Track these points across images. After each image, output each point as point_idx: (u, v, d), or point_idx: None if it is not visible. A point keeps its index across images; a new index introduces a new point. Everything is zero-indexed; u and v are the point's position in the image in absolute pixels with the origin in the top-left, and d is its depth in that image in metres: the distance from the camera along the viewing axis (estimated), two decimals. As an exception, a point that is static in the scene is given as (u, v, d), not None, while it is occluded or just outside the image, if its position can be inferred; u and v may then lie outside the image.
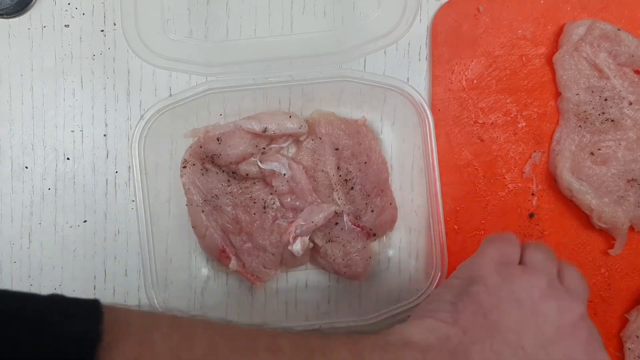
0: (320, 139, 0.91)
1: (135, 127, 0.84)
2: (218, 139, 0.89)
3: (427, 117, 0.85)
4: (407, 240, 0.93)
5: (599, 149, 0.90)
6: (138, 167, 0.85)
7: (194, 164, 0.91)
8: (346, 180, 0.90)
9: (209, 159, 0.90)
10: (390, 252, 0.93)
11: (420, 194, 0.89)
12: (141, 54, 0.84)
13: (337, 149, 0.91)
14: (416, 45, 0.94)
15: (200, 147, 0.90)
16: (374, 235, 0.92)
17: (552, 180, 0.92)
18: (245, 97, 0.91)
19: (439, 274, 0.85)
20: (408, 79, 0.94)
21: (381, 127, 0.93)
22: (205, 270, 0.94)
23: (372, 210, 0.91)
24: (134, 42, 0.84)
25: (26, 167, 0.93)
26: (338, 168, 0.91)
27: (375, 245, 0.93)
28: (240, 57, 0.86)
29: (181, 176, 0.91)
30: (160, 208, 0.90)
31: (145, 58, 0.84)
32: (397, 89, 0.86)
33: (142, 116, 0.84)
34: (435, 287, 0.85)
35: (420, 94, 0.85)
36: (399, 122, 0.92)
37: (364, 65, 0.94)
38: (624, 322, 0.93)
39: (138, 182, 0.85)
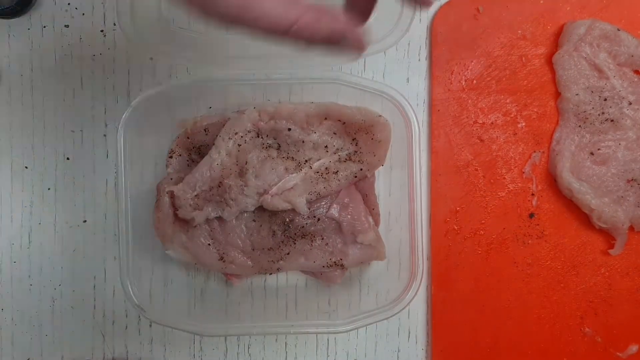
0: (309, 138, 0.91)
1: (123, 114, 0.85)
2: (205, 130, 0.89)
3: (412, 126, 0.86)
4: (395, 246, 0.93)
5: (598, 149, 0.90)
6: (122, 154, 0.85)
7: (180, 155, 0.91)
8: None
9: (196, 150, 0.90)
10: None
11: (404, 199, 0.89)
12: (140, 46, 0.84)
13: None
14: (416, 46, 0.94)
15: (188, 137, 0.90)
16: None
17: (552, 180, 0.92)
18: (238, 91, 0.91)
19: (420, 278, 0.86)
20: (408, 79, 0.94)
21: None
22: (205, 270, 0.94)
23: (355, 215, 0.91)
24: (134, 38, 0.84)
25: (26, 167, 0.93)
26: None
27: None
28: (240, 52, 0.86)
29: (167, 166, 0.91)
30: (144, 196, 0.90)
31: (141, 47, 0.84)
32: (386, 95, 0.86)
33: (130, 104, 0.84)
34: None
35: (408, 102, 0.86)
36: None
37: (364, 65, 0.94)
38: (625, 322, 0.93)
39: (121, 169, 0.85)
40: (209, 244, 0.88)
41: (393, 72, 0.94)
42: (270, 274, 0.92)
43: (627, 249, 0.93)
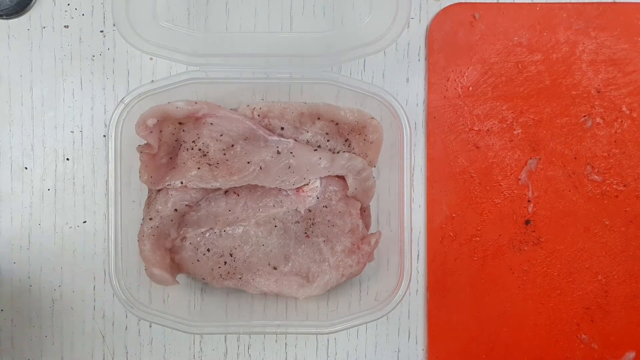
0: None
1: (114, 111, 0.85)
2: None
3: (404, 128, 0.85)
4: (386, 247, 0.93)
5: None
6: (113, 150, 0.85)
7: None
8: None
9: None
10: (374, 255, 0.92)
11: (396, 201, 0.88)
12: (134, 43, 0.84)
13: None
14: (416, 45, 0.93)
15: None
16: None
17: (547, 186, 0.92)
18: (237, 90, 0.91)
19: (408, 280, 0.86)
20: (408, 79, 0.94)
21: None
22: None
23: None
24: (129, 36, 0.84)
25: (26, 168, 0.93)
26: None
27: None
28: (235, 50, 0.86)
29: None
30: (134, 192, 0.91)
31: (138, 46, 0.84)
32: (379, 97, 0.86)
33: (122, 99, 0.84)
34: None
35: (401, 106, 0.85)
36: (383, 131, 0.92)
37: (364, 65, 0.94)
38: (621, 329, 0.93)
39: (112, 165, 0.85)
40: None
41: (393, 72, 0.94)
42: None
43: (624, 255, 0.92)
